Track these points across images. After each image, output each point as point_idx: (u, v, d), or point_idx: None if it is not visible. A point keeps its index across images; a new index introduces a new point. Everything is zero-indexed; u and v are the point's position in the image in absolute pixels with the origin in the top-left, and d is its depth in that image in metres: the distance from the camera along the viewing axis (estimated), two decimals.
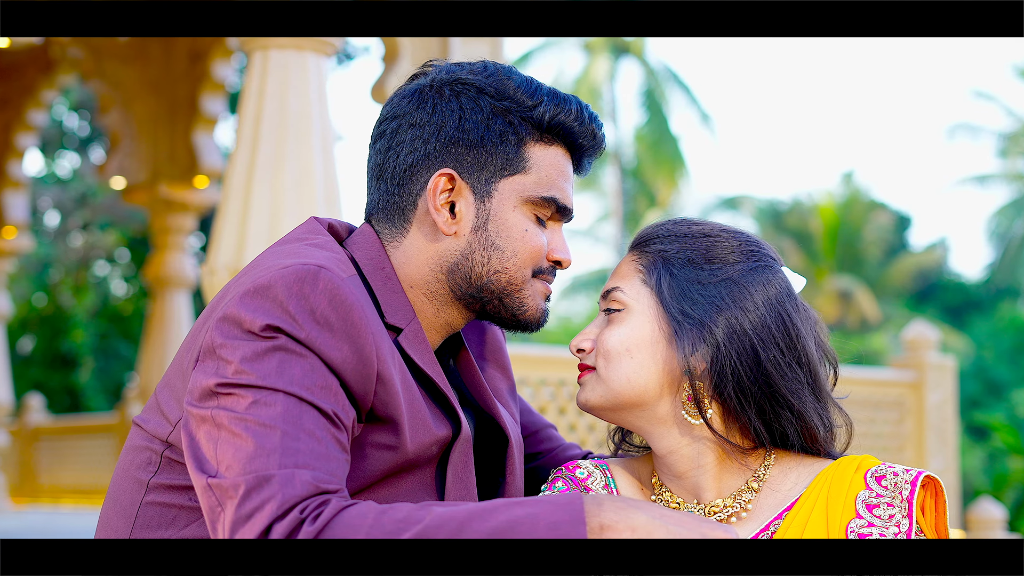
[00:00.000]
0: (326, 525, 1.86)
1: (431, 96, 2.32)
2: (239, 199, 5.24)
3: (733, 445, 2.19)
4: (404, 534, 1.86)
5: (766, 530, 2.18)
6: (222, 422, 1.97)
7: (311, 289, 2.05)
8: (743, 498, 2.22)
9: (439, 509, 1.90)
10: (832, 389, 2.30)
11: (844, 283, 33.39)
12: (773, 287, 2.21)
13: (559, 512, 1.90)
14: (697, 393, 2.17)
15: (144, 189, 10.84)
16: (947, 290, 35.58)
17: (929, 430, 9.38)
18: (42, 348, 22.92)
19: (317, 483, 1.91)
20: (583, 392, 2.28)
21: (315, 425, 1.98)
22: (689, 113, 34.79)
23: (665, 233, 2.28)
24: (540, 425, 2.74)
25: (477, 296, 2.31)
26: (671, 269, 2.21)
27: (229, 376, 2.00)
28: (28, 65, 11.71)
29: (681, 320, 2.17)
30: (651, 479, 2.33)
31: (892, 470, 2.17)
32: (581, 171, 2.42)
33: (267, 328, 2.02)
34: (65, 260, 23.95)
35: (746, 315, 2.16)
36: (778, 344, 2.16)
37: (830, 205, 35.43)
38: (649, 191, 36.43)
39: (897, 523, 2.12)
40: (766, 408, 2.16)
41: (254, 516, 1.88)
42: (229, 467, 1.93)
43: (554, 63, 35.33)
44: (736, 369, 2.14)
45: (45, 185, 23.80)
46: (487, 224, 2.28)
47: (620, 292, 2.25)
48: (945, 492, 2.14)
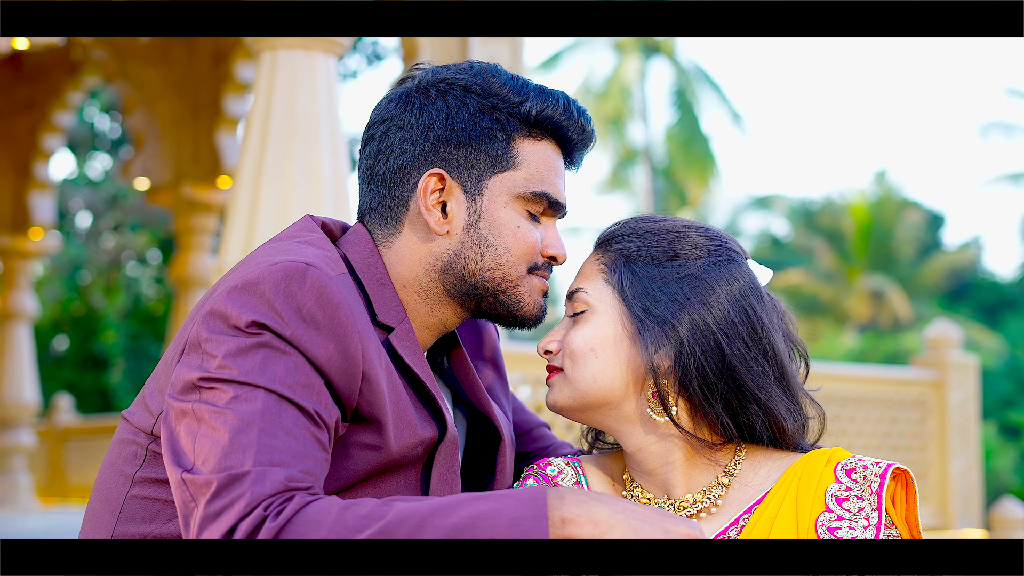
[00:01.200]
0: (288, 521, 1.86)
1: (418, 98, 2.33)
2: (247, 198, 5.26)
3: (701, 441, 2.20)
4: (366, 530, 1.87)
5: (735, 524, 2.18)
6: (202, 416, 1.98)
7: (298, 287, 2.06)
8: (713, 493, 2.22)
9: (402, 504, 1.90)
10: (804, 381, 2.30)
11: (876, 282, 33.19)
12: (737, 281, 2.21)
13: (522, 507, 1.89)
14: (662, 390, 2.17)
15: (168, 190, 10.91)
16: (980, 289, 35.31)
17: (952, 429, 9.34)
18: (75, 349, 23.06)
19: (289, 481, 1.91)
20: (551, 393, 2.29)
21: (294, 423, 1.98)
22: (720, 112, 34.66)
23: (627, 231, 2.28)
24: (533, 424, 2.75)
25: (471, 294, 2.31)
26: (633, 267, 2.22)
27: (212, 371, 2.01)
28: (53, 67, 11.79)
29: (644, 318, 2.17)
30: (623, 475, 2.34)
31: (862, 463, 2.16)
32: (573, 165, 2.42)
33: (252, 324, 2.03)
34: (97, 261, 24.09)
35: (709, 311, 2.16)
36: (743, 338, 2.16)
37: (862, 204, 35.22)
38: (680, 191, 36.34)
39: (867, 516, 2.11)
40: (733, 402, 2.16)
41: (222, 514, 1.89)
42: (205, 461, 1.94)
43: (584, 63, 35.31)
44: (700, 365, 2.14)
45: (76, 187, 23.95)
46: (479, 222, 2.29)
47: (583, 293, 2.26)
48: (915, 483, 2.14)
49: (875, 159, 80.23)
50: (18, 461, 12.43)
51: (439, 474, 2.27)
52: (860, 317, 33.39)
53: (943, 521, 9.28)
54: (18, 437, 12.39)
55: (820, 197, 38.78)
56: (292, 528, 1.86)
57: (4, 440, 12.31)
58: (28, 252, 12.43)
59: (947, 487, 9.28)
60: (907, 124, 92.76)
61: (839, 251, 35.07)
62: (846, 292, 34.05)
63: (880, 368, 9.48)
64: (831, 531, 2.10)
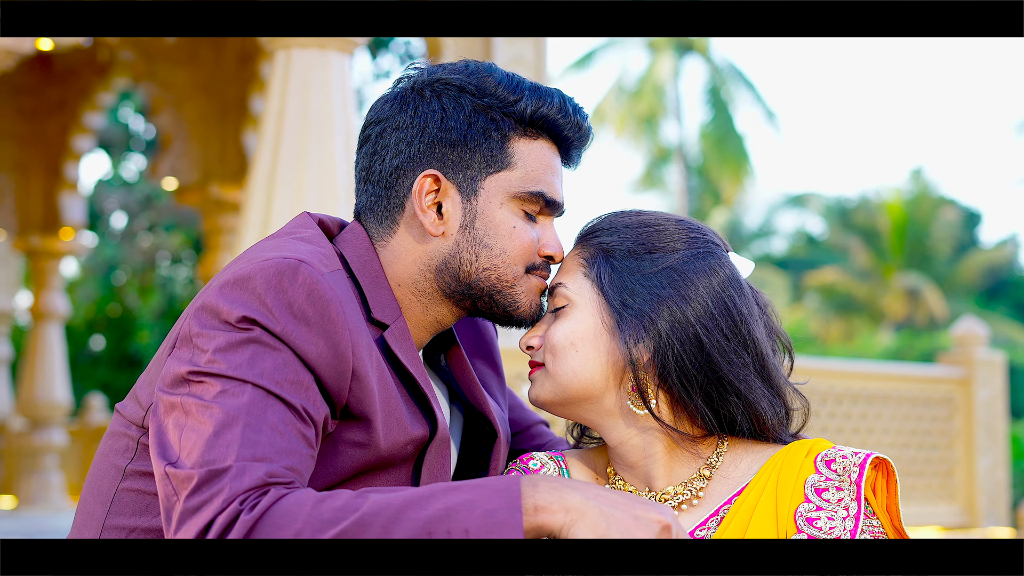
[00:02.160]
0: (263, 514, 1.86)
1: (412, 98, 2.33)
2: (262, 197, 5.28)
3: (681, 434, 2.20)
4: (341, 523, 1.87)
5: (715, 515, 2.19)
6: (189, 409, 1.99)
7: (289, 283, 2.07)
8: (694, 486, 2.22)
9: (377, 496, 1.91)
10: (789, 374, 2.30)
11: (912, 281, 33.02)
12: (717, 274, 2.21)
13: (495, 498, 1.90)
14: (641, 384, 2.18)
15: (195, 190, 10.98)
16: (1018, 287, 35.07)
17: (978, 426, 9.29)
18: (110, 349, 23.20)
19: (268, 477, 1.92)
20: (533, 388, 2.30)
21: (280, 419, 1.99)
22: (754, 111, 34.56)
23: (607, 226, 2.29)
24: (531, 421, 2.75)
25: (467, 294, 2.31)
26: (612, 261, 2.22)
27: (201, 365, 2.02)
28: (82, 68, 11.89)
29: (622, 311, 2.18)
30: (607, 469, 2.35)
31: (841, 453, 2.16)
32: (571, 164, 2.42)
33: (243, 320, 2.04)
34: (131, 262, 24.24)
35: (688, 304, 2.17)
36: (722, 330, 2.16)
37: (898, 202, 35.05)
38: (714, 189, 36.28)
39: (846, 507, 2.11)
40: (713, 395, 2.16)
41: (201, 510, 1.90)
42: (189, 454, 1.95)
43: (617, 62, 35.29)
44: (680, 357, 2.14)
45: (111, 187, 24.10)
46: (475, 222, 2.29)
47: (563, 287, 2.27)
48: (896, 473, 2.14)
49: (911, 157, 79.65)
50: (50, 460, 12.54)
51: (429, 472, 2.28)
52: (896, 315, 33.21)
53: (969, 520, 9.23)
54: (50, 436, 12.50)
55: (856, 195, 38.61)
56: (267, 520, 1.86)
57: (36, 439, 12.41)
58: (59, 252, 12.53)
59: (974, 485, 9.24)
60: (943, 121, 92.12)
61: (875, 249, 34.90)
62: (882, 290, 33.88)
63: (906, 366, 9.44)
64: (810, 522, 2.11)
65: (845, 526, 2.10)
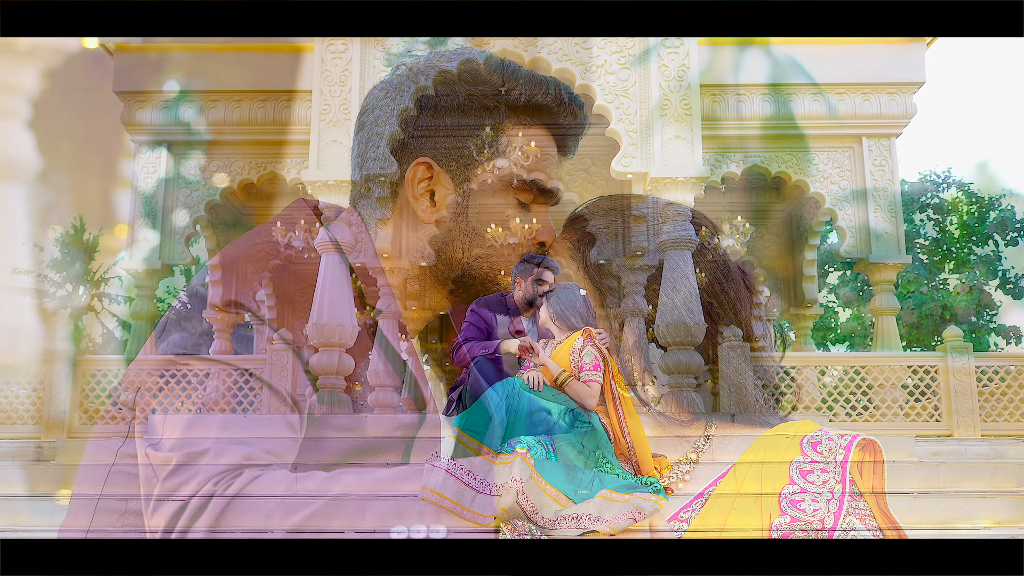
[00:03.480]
0: (235, 497, 1.88)
1: (407, 86, 2.32)
2: None
3: (668, 418, 2.20)
4: (312, 504, 1.89)
5: (700, 497, 2.19)
6: (174, 391, 2.02)
7: None
8: (680, 469, 2.22)
9: (349, 478, 1.92)
10: (781, 359, 2.29)
11: None
12: (704, 256, 2.21)
13: None
14: (626, 365, 2.18)
15: None
16: None
17: None
18: None
19: (247, 457, 1.94)
20: (524, 371, 2.31)
21: (265, 403, 2.01)
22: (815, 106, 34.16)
23: (595, 210, 2.29)
24: None
25: (460, 281, 2.32)
26: (599, 245, 2.23)
27: (188, 347, 2.04)
28: (137, 67, 11.96)
29: (607, 294, 2.18)
30: (595, 453, 2.35)
31: (828, 435, 2.15)
32: (566, 152, 2.41)
33: None
34: None
35: (675, 286, 2.16)
36: (708, 313, 2.16)
37: (961, 195, 34.57)
38: None
39: (831, 489, 2.11)
40: (698, 377, 2.16)
41: (179, 491, 1.92)
42: (170, 436, 1.97)
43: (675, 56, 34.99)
44: (666, 340, 2.14)
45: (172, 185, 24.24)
46: (467, 210, 2.29)
47: (552, 272, 2.27)
48: (883, 453, 2.13)
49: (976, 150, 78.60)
50: None
51: (420, 450, 2.29)
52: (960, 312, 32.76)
53: None
54: None
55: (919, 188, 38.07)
56: (238, 503, 1.87)
57: None
58: (116, 249, 12.62)
59: None
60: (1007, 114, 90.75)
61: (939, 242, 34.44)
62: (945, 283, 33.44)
63: None
64: (794, 504, 2.10)
65: (829, 508, 2.09)
